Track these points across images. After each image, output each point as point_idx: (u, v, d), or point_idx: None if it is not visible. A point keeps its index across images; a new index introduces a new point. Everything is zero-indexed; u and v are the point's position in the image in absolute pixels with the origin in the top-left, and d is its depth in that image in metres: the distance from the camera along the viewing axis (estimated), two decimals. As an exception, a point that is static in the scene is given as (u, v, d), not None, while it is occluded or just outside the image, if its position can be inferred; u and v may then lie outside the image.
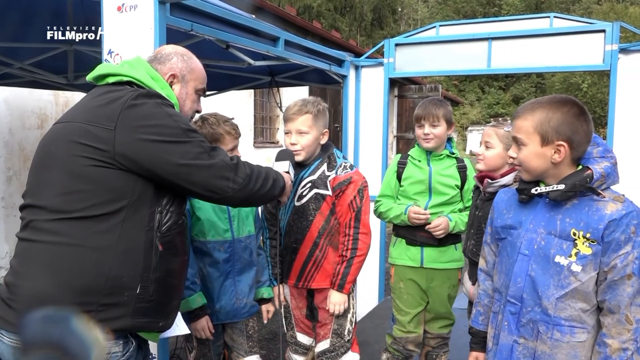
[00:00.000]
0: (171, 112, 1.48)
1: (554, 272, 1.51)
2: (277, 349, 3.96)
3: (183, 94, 1.67)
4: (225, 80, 4.54)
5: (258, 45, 2.91)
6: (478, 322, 1.83)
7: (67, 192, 1.40)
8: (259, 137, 9.04)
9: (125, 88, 1.52)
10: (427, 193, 2.62)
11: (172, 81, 1.65)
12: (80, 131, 1.42)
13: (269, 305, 2.56)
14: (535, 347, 1.56)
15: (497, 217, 1.73)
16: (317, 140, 2.31)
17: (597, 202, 1.48)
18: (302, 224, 2.32)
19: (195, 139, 1.48)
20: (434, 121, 2.57)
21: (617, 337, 1.44)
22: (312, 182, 2.31)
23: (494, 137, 2.20)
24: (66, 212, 1.39)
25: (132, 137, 1.40)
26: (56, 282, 1.37)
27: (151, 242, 1.45)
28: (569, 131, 1.48)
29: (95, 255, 1.39)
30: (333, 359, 2.37)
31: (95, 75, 1.60)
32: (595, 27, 3.42)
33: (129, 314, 1.42)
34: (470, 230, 2.26)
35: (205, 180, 1.48)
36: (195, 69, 1.71)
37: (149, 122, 1.42)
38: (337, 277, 2.28)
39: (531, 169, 1.55)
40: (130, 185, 1.42)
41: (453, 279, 2.68)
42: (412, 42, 4.01)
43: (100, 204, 1.39)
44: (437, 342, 2.74)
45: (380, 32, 29.29)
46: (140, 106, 1.43)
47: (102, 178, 1.40)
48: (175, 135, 1.44)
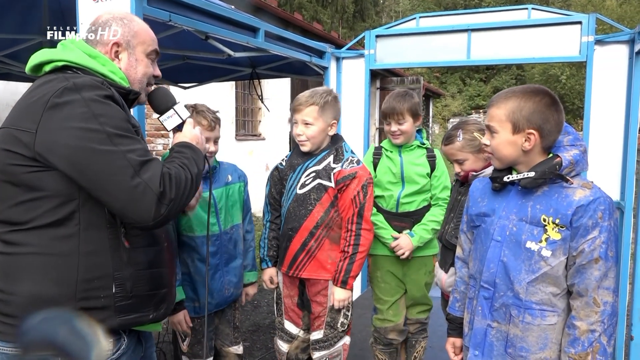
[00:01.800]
0: (99, 112, 1.30)
1: (525, 257, 1.55)
2: (262, 341, 3.99)
3: (133, 62, 1.53)
4: (205, 72, 4.51)
5: (238, 36, 2.90)
6: (455, 308, 1.88)
7: (15, 203, 1.33)
8: (241, 129, 9.00)
9: (55, 77, 1.37)
10: (400, 183, 2.69)
11: (116, 50, 1.51)
12: (7, 137, 1.32)
13: (249, 289, 2.61)
14: (507, 330, 1.60)
15: (472, 205, 1.77)
16: (323, 131, 2.32)
17: (566, 189, 1.53)
18: (301, 212, 2.33)
19: (121, 149, 1.29)
20: (399, 119, 2.63)
21: (586, 319, 1.49)
22: (316, 172, 2.32)
23: (457, 153, 2.23)
24: (21, 223, 1.33)
25: (51, 140, 1.28)
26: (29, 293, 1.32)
27: (117, 239, 1.38)
28: (539, 120, 1.52)
29: (59, 262, 1.32)
30: (326, 348, 2.41)
31: (32, 65, 1.47)
32: (572, 19, 3.47)
33: (112, 315, 1.38)
34: (450, 214, 2.31)
35: (121, 205, 1.30)
36: (139, 31, 1.55)
37: (70, 125, 1.28)
38: (339, 274, 2.29)
39: (502, 156, 1.59)
40: (72, 185, 1.31)
41: (429, 265, 2.75)
42: (393, 34, 4.03)
43: (49, 210, 1.32)
44: (415, 327, 2.81)
45: (362, 24, 29.25)
46: (63, 106, 1.29)
47: (41, 183, 1.31)
48: (98, 141, 1.27)
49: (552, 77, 21.72)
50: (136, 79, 1.55)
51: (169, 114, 1.62)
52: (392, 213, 2.70)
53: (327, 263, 2.34)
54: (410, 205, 2.67)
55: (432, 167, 2.68)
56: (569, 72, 21.23)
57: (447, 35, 3.85)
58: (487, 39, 3.75)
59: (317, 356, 2.42)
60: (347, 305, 2.38)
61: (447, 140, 2.27)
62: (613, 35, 3.35)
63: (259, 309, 4.72)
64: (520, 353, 1.58)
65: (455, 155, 2.23)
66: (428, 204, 2.69)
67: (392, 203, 2.69)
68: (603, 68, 3.36)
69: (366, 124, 4.20)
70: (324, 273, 2.34)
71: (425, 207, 2.69)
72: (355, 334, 3.59)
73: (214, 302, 2.37)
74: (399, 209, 2.68)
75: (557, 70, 21.73)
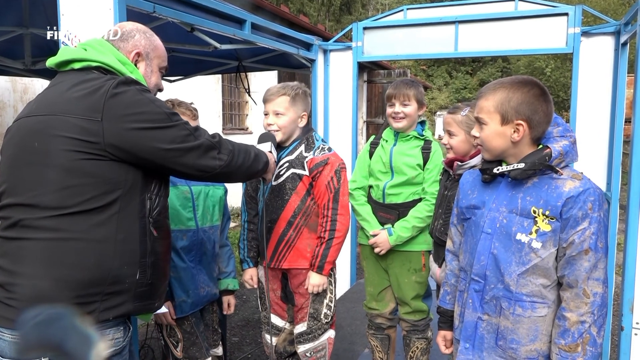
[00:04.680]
0: (152, 98, 1.49)
1: (516, 249, 1.55)
2: (251, 336, 3.97)
3: (148, 72, 1.67)
4: (191, 65, 4.46)
5: (224, 28, 2.85)
6: (445, 301, 1.88)
7: (62, 187, 1.39)
8: (228, 123, 8.94)
9: (98, 75, 1.49)
10: (389, 172, 2.66)
11: (136, 60, 1.64)
12: (65, 125, 1.39)
13: (232, 298, 2.59)
14: (498, 322, 1.60)
15: (462, 198, 1.76)
16: (294, 122, 2.35)
17: (556, 180, 1.52)
18: (278, 202, 2.34)
19: (180, 122, 1.50)
20: (404, 100, 2.60)
21: (576, 311, 1.49)
22: (289, 162, 2.34)
23: (454, 124, 2.21)
24: (63, 207, 1.39)
25: (120, 127, 1.40)
26: (58, 277, 1.38)
27: (144, 228, 1.49)
28: (528, 111, 1.51)
29: (97, 248, 1.41)
30: (310, 340, 2.41)
31: (59, 61, 1.55)
32: (558, 11, 3.48)
33: (130, 300, 1.48)
34: (439, 210, 2.30)
35: (195, 161, 1.52)
36: (157, 46, 1.71)
37: (134, 110, 1.42)
38: (316, 259, 2.30)
39: (492, 148, 1.59)
40: (122, 175, 1.44)
41: (415, 262, 2.65)
42: (380, 26, 4.01)
43: (96, 196, 1.40)
44: (408, 326, 2.73)
45: (349, 17, 29.18)
46: (123, 94, 1.42)
47: (96, 170, 1.40)
48: (161, 120, 1.46)
49: (537, 70, 21.85)
50: (149, 88, 1.67)
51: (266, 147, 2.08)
52: (380, 203, 2.68)
53: (306, 252, 2.34)
54: (398, 197, 2.63)
55: (425, 158, 2.61)
56: (553, 64, 21.37)
57: (435, 27, 3.84)
58: (475, 30, 3.74)
59: (301, 350, 2.42)
60: (327, 295, 2.38)
61: (452, 109, 2.27)
62: (599, 27, 3.36)
63: (248, 303, 4.70)
64: (511, 345, 1.58)
65: (450, 125, 2.22)
66: (419, 198, 2.62)
67: (379, 193, 2.68)
68: (589, 60, 3.37)
69: (354, 117, 4.18)
70: (304, 262, 2.35)
71: (415, 200, 2.62)
72: (345, 327, 3.60)
73: (189, 301, 2.32)
74: (385, 199, 2.66)
75: (542, 62, 21.86)
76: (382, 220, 2.67)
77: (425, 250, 2.65)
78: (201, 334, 2.39)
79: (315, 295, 2.38)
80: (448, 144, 2.24)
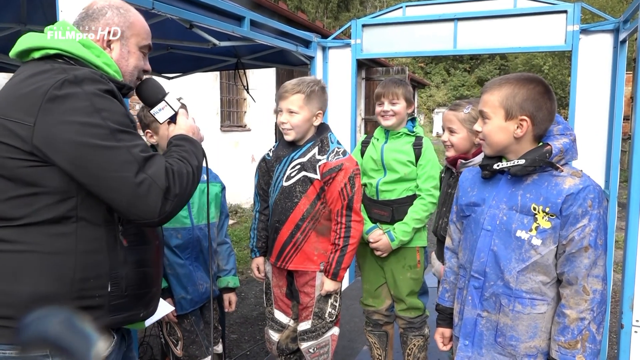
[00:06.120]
0: (101, 106, 1.25)
1: (516, 246, 1.55)
2: (249, 333, 3.98)
3: (125, 53, 1.46)
4: (189, 61, 4.44)
5: (223, 25, 2.85)
6: (444, 298, 1.88)
7: (7, 198, 1.25)
8: (226, 120, 8.92)
9: (52, 67, 1.30)
10: (381, 170, 2.68)
11: (109, 40, 1.44)
12: (2, 130, 1.24)
13: (232, 295, 2.58)
14: (497, 319, 1.60)
15: (462, 195, 1.77)
16: (308, 121, 2.29)
17: (556, 177, 1.52)
18: (287, 204, 2.31)
19: (124, 145, 1.25)
20: (393, 98, 2.63)
21: (575, 308, 1.49)
22: (301, 164, 2.29)
23: (456, 121, 2.20)
24: (13, 219, 1.25)
25: (51, 135, 1.21)
26: (8, 291, 1.26)
27: (114, 237, 1.34)
28: (532, 107, 1.51)
29: (54, 260, 1.27)
30: (314, 338, 2.40)
31: (18, 50, 1.38)
32: (557, 8, 3.48)
33: (105, 314, 1.34)
34: (443, 209, 2.30)
35: (128, 201, 1.25)
36: (135, 22, 1.48)
37: (71, 119, 1.21)
38: (331, 266, 2.28)
39: (494, 142, 1.59)
40: (71, 182, 1.25)
41: (410, 258, 2.67)
42: (379, 23, 4.00)
43: (47, 206, 1.25)
44: (404, 323, 2.74)
45: (347, 14, 29.14)
46: (64, 99, 1.22)
47: (38, 179, 1.24)
48: (101, 137, 1.22)
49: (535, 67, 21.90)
50: (127, 71, 1.49)
51: (160, 106, 1.55)
52: (374, 200, 2.68)
53: (313, 255, 2.33)
54: (391, 194, 2.64)
55: (417, 154, 2.62)
56: (551, 62, 21.42)
57: (434, 25, 3.84)
58: (474, 28, 3.74)
59: (304, 346, 2.42)
60: (334, 296, 2.39)
61: (453, 106, 2.25)
62: (598, 25, 3.36)
63: (246, 300, 4.71)
64: (510, 342, 1.58)
65: (452, 122, 2.21)
66: (413, 194, 2.63)
67: (373, 190, 2.69)
68: (588, 57, 3.37)
69: (353, 114, 4.18)
70: (311, 265, 2.34)
71: (409, 196, 2.63)
72: (344, 324, 3.60)
73: (188, 298, 2.32)
74: (379, 196, 2.66)
75: (539, 60, 21.91)
76: (376, 217, 2.67)
77: (420, 246, 2.68)
78: (201, 332, 2.39)
79: (321, 295, 2.38)
80: (448, 141, 2.23)
